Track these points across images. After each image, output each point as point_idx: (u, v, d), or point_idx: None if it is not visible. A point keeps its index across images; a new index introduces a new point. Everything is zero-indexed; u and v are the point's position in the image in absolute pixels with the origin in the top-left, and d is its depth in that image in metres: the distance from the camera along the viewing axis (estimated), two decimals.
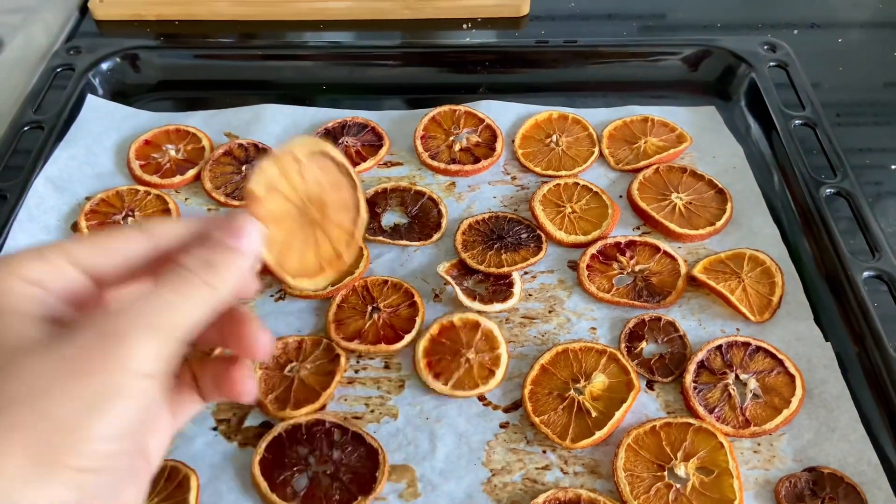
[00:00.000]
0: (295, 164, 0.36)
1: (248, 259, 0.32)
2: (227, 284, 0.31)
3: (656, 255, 0.57)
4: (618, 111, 0.69)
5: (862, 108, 0.70)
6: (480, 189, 0.64)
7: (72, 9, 0.80)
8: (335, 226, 0.38)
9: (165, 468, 0.46)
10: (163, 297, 0.29)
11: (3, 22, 0.77)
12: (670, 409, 0.48)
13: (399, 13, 0.79)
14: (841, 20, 0.80)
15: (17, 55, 0.75)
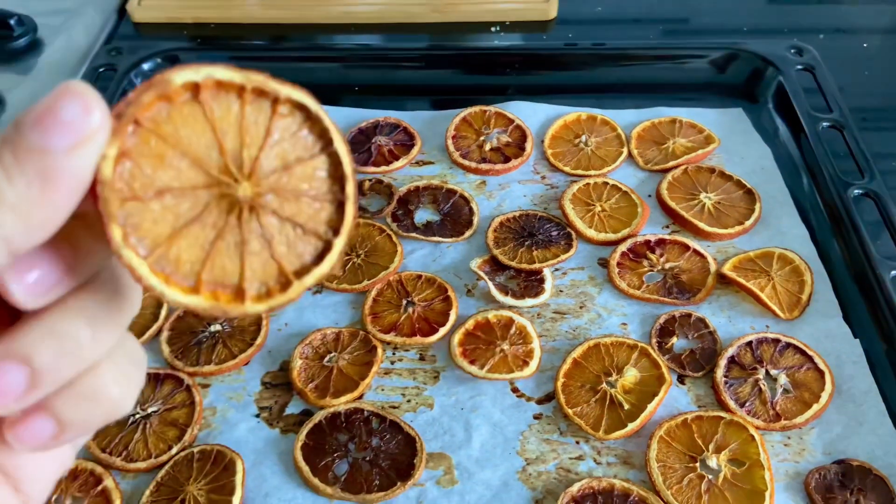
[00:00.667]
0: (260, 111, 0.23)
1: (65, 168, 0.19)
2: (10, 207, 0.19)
3: (686, 253, 0.58)
4: (646, 112, 0.70)
5: (887, 112, 0.71)
6: (511, 188, 0.65)
7: (110, 11, 0.83)
8: (271, 247, 0.23)
9: (212, 452, 0.47)
10: None
11: (44, 23, 0.80)
12: (701, 404, 0.50)
13: (428, 16, 0.81)
14: (865, 25, 0.81)
15: (58, 56, 0.77)
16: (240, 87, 0.22)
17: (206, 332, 0.55)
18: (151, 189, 0.21)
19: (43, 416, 0.22)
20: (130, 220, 0.21)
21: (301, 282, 0.23)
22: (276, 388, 0.52)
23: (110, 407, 0.23)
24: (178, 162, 0.22)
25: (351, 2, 0.82)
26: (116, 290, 0.22)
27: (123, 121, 0.21)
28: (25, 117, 0.19)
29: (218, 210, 0.22)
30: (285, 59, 0.76)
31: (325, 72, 0.75)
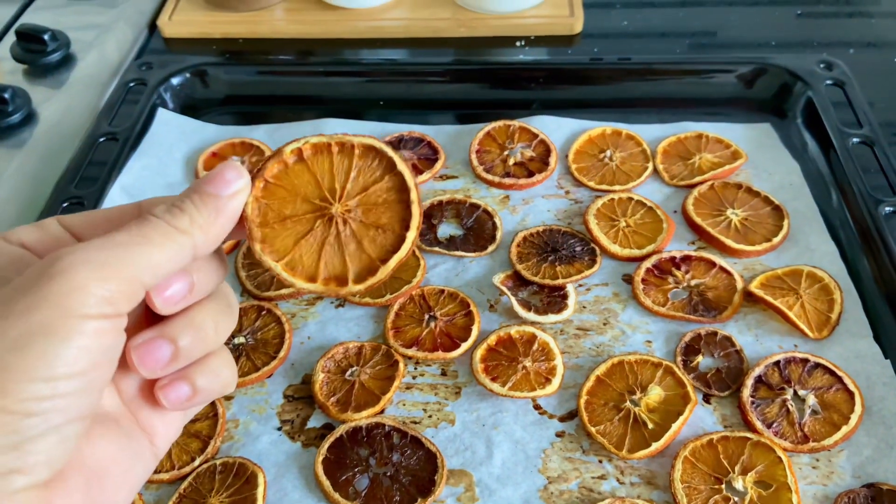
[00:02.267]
0: (344, 156, 0.34)
1: (227, 206, 0.31)
2: (198, 227, 0.30)
3: (712, 270, 0.58)
4: (672, 127, 0.69)
5: None
6: (534, 202, 0.65)
7: (142, 27, 0.84)
8: (362, 245, 0.34)
9: (234, 464, 0.48)
10: (114, 237, 0.28)
11: (77, 38, 0.82)
12: (727, 424, 0.49)
13: (454, 31, 0.81)
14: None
15: (91, 71, 0.79)
16: (327, 144, 0.34)
17: (230, 344, 0.55)
18: (278, 218, 0.33)
19: (184, 383, 0.32)
20: (266, 238, 0.33)
21: (385, 266, 0.33)
22: (298, 401, 0.52)
23: (223, 384, 0.33)
24: (293, 199, 0.34)
25: (377, 17, 0.82)
26: (228, 303, 0.33)
27: (257, 180, 0.33)
28: (206, 178, 0.31)
29: (322, 225, 0.34)
30: (312, 74, 0.76)
31: (350, 86, 0.76)
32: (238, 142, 0.71)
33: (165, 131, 0.72)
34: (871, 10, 0.83)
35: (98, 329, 0.26)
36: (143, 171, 0.68)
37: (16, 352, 0.25)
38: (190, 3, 0.85)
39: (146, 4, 0.86)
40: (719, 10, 0.84)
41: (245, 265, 0.61)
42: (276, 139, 0.71)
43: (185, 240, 0.29)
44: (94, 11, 0.86)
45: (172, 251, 0.29)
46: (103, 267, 0.27)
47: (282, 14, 0.84)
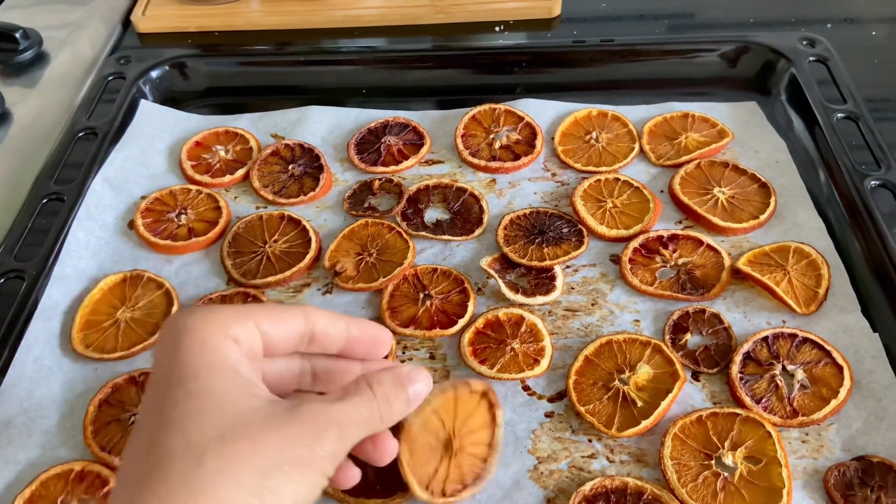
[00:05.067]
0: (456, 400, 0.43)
1: (409, 410, 0.38)
2: (389, 422, 0.37)
3: (699, 249, 0.57)
4: (657, 108, 0.69)
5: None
6: (521, 185, 0.65)
7: (115, 23, 0.83)
8: (465, 462, 0.43)
9: None
10: (359, 413, 0.35)
11: (49, 36, 0.81)
12: (716, 400, 0.49)
13: (432, 18, 0.81)
14: (874, 14, 0.79)
15: (64, 68, 0.78)
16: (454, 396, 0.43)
17: None
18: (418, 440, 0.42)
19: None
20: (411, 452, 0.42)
21: (473, 485, 0.43)
22: None
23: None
24: (428, 434, 0.42)
25: (353, 6, 0.82)
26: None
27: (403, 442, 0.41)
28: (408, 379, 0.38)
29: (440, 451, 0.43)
30: (293, 64, 0.76)
31: (331, 75, 0.75)
32: (222, 131, 0.70)
33: (147, 122, 0.71)
34: None
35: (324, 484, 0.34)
36: (126, 163, 0.67)
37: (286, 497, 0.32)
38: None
39: (119, 1, 0.85)
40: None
41: (231, 253, 0.60)
42: (261, 128, 0.71)
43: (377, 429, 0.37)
44: (65, 9, 0.85)
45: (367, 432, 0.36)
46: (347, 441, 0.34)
47: (257, 6, 0.83)
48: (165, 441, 0.30)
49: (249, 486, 0.30)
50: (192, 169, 0.67)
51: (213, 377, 0.32)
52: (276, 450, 0.31)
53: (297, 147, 0.68)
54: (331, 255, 0.60)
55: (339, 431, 0.33)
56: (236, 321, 0.35)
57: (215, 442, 0.30)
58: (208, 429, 0.31)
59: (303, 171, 0.67)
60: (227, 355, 0.33)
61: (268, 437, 0.31)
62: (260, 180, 0.66)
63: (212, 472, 0.29)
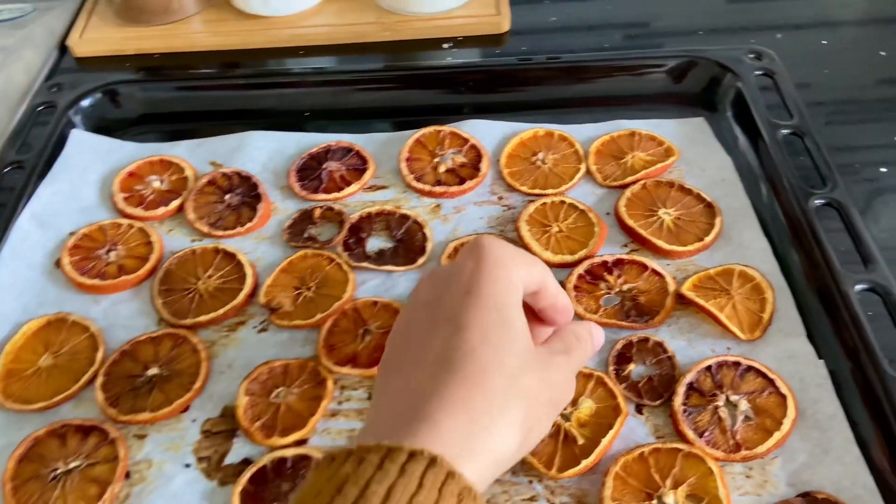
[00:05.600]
0: None
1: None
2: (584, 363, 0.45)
3: (644, 274, 0.56)
4: (605, 126, 0.67)
5: (852, 106, 0.69)
6: (466, 210, 0.63)
7: (51, 47, 0.80)
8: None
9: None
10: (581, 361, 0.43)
11: None
12: (660, 434, 0.47)
13: (379, 35, 0.79)
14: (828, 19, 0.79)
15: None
16: None
17: (144, 376, 0.52)
18: None
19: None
20: None
21: None
22: (216, 436, 0.50)
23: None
24: None
25: (298, 24, 0.80)
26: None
27: None
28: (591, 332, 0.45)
29: None
30: (234, 88, 0.73)
31: (274, 98, 0.73)
32: (157, 160, 0.68)
33: (79, 153, 0.68)
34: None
35: None
36: (55, 197, 0.65)
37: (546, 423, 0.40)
38: (101, 20, 0.81)
39: (56, 24, 0.82)
40: (649, 1, 0.82)
41: (161, 291, 0.58)
42: (199, 155, 0.68)
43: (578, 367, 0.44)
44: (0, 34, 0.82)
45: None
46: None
47: (199, 26, 0.81)
48: (483, 351, 0.35)
49: (532, 413, 0.36)
50: (123, 202, 0.64)
51: (513, 314, 0.38)
52: (544, 391, 0.37)
53: (234, 175, 0.66)
54: (267, 290, 0.57)
55: (574, 377, 0.41)
56: (524, 266, 0.40)
57: (518, 371, 0.36)
58: (515, 358, 0.36)
59: (240, 200, 0.64)
60: (519, 298, 0.39)
61: (541, 380, 0.37)
62: (195, 212, 0.64)
63: (515, 395, 0.35)
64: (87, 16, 0.82)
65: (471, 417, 0.33)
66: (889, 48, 0.74)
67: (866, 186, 0.61)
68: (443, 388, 0.34)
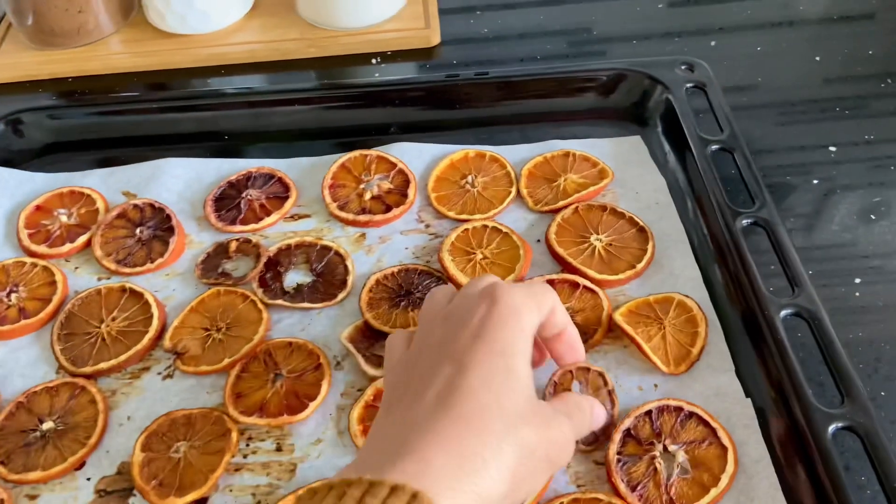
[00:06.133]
0: None
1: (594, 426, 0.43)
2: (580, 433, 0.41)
3: (576, 292, 0.54)
4: (538, 147, 0.65)
5: (790, 107, 0.68)
6: (392, 240, 0.60)
7: None
8: None
9: None
10: (580, 428, 0.41)
11: None
12: (580, 483, 0.44)
13: (304, 52, 0.76)
14: (757, 25, 0.78)
15: None
16: None
17: (38, 430, 0.49)
18: None
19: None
20: None
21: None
22: (110, 495, 0.46)
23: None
24: None
25: (220, 42, 0.76)
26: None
27: None
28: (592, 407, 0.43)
29: None
30: (149, 111, 0.69)
31: (191, 122, 0.69)
32: (66, 191, 0.64)
33: None
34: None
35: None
36: None
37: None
38: (13, 45, 0.77)
39: None
40: (582, 7, 0.81)
41: (62, 336, 0.54)
42: (111, 185, 0.64)
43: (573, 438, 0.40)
44: None
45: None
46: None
47: (116, 47, 0.77)
48: (483, 394, 0.35)
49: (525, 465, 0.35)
50: (28, 238, 0.61)
51: (519, 363, 0.37)
52: (542, 446, 0.36)
53: (147, 206, 0.62)
54: (174, 332, 0.54)
55: (573, 442, 0.38)
56: (536, 310, 0.40)
57: (517, 419, 0.35)
58: (515, 406, 0.35)
59: (152, 233, 0.61)
60: (528, 346, 0.39)
61: (541, 435, 0.36)
62: (102, 248, 0.60)
63: (511, 442, 0.34)
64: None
65: (462, 457, 0.33)
66: (824, 50, 0.73)
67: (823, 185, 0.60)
68: (437, 424, 0.34)
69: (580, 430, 0.40)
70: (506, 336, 0.38)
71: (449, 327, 0.39)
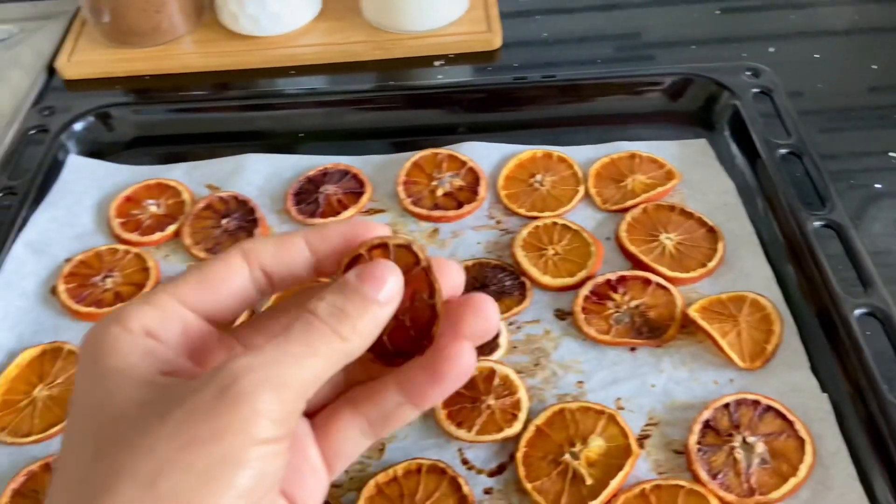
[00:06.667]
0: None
1: (385, 313, 0.28)
2: (361, 337, 0.27)
3: (649, 288, 0.56)
4: (604, 148, 0.67)
5: (847, 113, 0.69)
6: (464, 235, 0.62)
7: (39, 69, 0.79)
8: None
9: None
10: (289, 349, 0.26)
11: None
12: (661, 470, 0.47)
13: (370, 54, 0.78)
14: (816, 33, 0.79)
15: None
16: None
17: None
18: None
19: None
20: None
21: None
22: None
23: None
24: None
25: (289, 44, 0.79)
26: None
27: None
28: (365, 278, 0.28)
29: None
30: (227, 109, 0.73)
31: (268, 119, 0.72)
32: (154, 183, 0.67)
33: (75, 178, 0.67)
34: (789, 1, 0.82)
35: (276, 451, 0.25)
36: (50, 224, 0.64)
37: (206, 485, 0.24)
38: (90, 42, 0.80)
39: (44, 46, 0.81)
40: (639, 12, 0.82)
41: None
42: (195, 178, 0.68)
43: (346, 348, 0.27)
44: None
45: (335, 360, 0.27)
46: (282, 388, 0.25)
47: (190, 47, 0.80)
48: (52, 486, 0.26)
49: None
50: (120, 227, 0.64)
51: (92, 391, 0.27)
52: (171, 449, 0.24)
53: (231, 199, 0.65)
54: None
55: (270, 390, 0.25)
56: (147, 308, 0.28)
57: (94, 462, 0.25)
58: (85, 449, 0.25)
59: (237, 225, 0.64)
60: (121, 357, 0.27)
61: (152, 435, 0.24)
62: (192, 237, 0.63)
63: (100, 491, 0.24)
64: (74, 38, 0.81)
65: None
66: (880, 58, 0.74)
67: (860, 195, 0.61)
68: None
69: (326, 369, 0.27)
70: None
71: None
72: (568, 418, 0.49)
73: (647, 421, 0.49)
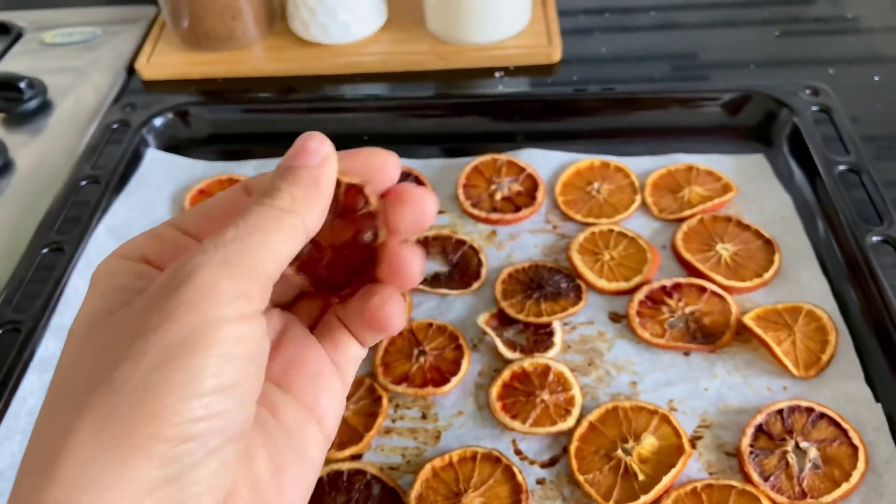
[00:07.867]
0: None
1: (322, 176, 0.28)
2: (301, 202, 0.27)
3: (704, 296, 0.57)
4: (661, 159, 0.68)
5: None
6: (521, 238, 0.64)
7: (119, 69, 0.84)
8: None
9: None
10: (225, 235, 0.26)
11: (54, 84, 0.82)
12: (712, 471, 0.47)
13: (432, 64, 0.81)
14: (875, 57, 0.79)
15: (68, 116, 0.79)
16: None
17: None
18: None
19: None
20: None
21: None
22: None
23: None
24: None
25: (356, 53, 0.82)
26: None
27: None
28: (291, 154, 0.29)
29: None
30: (295, 111, 0.76)
31: (333, 122, 0.75)
32: (226, 178, 0.71)
33: (153, 170, 0.71)
34: (849, 26, 0.82)
35: (239, 333, 0.24)
36: (129, 212, 0.68)
37: (159, 371, 0.23)
38: (168, 45, 0.85)
39: (124, 47, 0.86)
40: (698, 33, 0.83)
41: None
42: None
43: (293, 219, 0.27)
44: (71, 56, 0.86)
45: (286, 233, 0.27)
46: (228, 264, 0.25)
47: (260, 52, 0.84)
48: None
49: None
50: None
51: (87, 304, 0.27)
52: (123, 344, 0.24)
53: None
54: None
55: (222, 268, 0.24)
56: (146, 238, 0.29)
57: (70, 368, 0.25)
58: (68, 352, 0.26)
59: None
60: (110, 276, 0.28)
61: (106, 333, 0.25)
62: None
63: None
64: (153, 41, 0.86)
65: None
66: None
67: None
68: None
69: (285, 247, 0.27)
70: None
71: None
72: (621, 416, 0.50)
73: (700, 423, 0.50)
